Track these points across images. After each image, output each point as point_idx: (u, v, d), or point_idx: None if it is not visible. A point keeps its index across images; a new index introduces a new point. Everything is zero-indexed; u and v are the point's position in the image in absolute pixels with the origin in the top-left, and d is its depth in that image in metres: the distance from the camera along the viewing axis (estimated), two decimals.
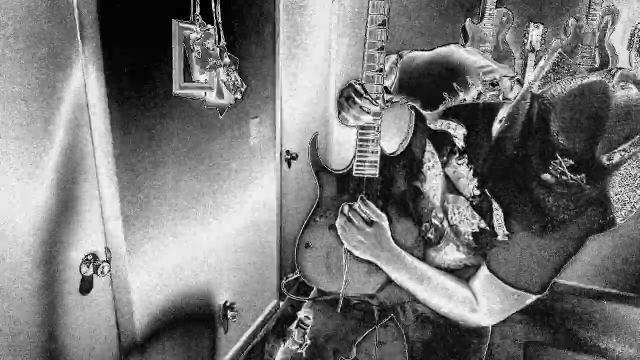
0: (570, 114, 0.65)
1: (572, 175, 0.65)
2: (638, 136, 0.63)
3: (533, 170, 0.69)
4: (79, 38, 1.04)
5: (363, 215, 0.92)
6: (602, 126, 0.63)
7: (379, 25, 0.86)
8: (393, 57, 1.05)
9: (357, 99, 0.88)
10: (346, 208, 0.94)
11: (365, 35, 0.87)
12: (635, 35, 2.18)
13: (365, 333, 1.04)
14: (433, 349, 1.01)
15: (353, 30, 2.64)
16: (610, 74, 0.65)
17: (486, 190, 0.84)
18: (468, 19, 2.33)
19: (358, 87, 0.89)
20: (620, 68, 0.66)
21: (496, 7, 2.27)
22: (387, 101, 0.95)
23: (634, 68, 2.20)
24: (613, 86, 0.64)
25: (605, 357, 2.15)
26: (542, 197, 0.70)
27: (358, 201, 0.94)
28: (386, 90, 0.93)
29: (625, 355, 2.18)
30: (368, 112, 0.88)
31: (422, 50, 1.03)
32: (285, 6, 2.01)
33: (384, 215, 0.93)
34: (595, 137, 0.63)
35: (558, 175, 0.66)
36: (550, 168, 0.67)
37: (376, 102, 0.88)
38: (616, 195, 0.71)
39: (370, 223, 0.92)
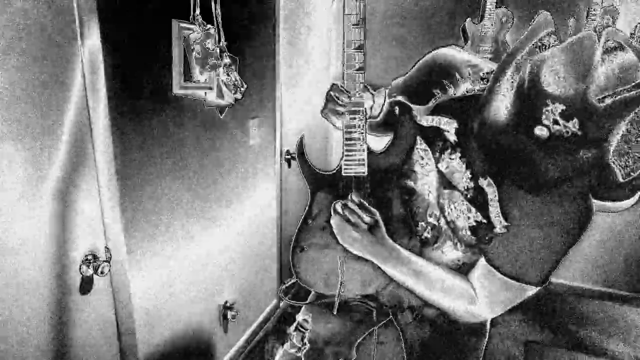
0: (561, 65, 0.66)
1: (564, 123, 0.65)
2: (633, 84, 0.63)
3: (527, 127, 0.68)
4: (79, 38, 1.04)
5: (357, 212, 0.92)
6: (593, 72, 0.63)
7: (355, 24, 0.87)
8: (383, 90, 1.06)
9: (333, 94, 0.90)
10: (339, 206, 0.93)
11: (343, 35, 0.87)
12: (636, 35, 2.18)
13: (364, 334, 1.04)
14: (431, 349, 1.01)
15: None
16: (598, 32, 0.66)
17: (480, 175, 0.84)
18: (468, 19, 2.33)
19: (337, 83, 0.91)
20: (608, 26, 0.67)
21: (496, 7, 2.27)
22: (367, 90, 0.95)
23: None
24: (602, 45, 0.65)
25: (606, 357, 2.15)
26: (539, 158, 0.70)
27: (350, 198, 0.93)
28: (371, 88, 0.94)
29: (625, 355, 2.18)
30: (342, 106, 0.90)
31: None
32: (285, 6, 2.01)
33: (376, 211, 0.93)
34: (586, 82, 0.64)
35: (551, 125, 0.66)
36: (543, 117, 0.66)
37: (357, 97, 0.89)
38: (616, 157, 0.70)
39: (365, 220, 0.91)
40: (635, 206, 0.89)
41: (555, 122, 0.66)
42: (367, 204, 0.93)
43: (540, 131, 0.67)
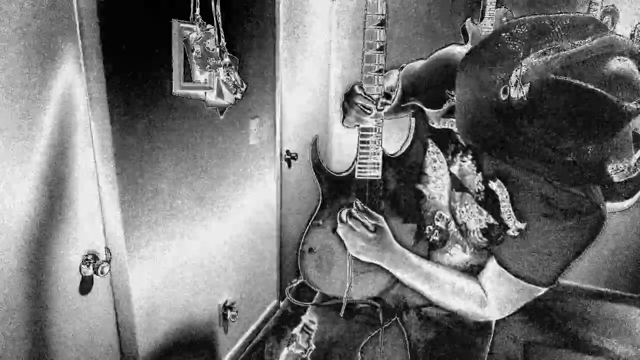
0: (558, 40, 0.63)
1: (520, 86, 0.61)
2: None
3: (497, 85, 0.65)
4: (79, 38, 1.04)
5: (362, 220, 0.91)
6: (566, 53, 0.61)
7: (377, 25, 0.85)
8: (395, 72, 1.04)
9: (357, 100, 0.88)
10: (344, 215, 0.92)
11: (364, 35, 0.85)
12: (636, 35, 2.18)
13: (370, 336, 1.04)
14: (436, 350, 1.01)
15: (353, 30, 2.64)
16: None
17: (490, 178, 0.84)
18: (468, 19, 2.33)
19: (358, 88, 0.89)
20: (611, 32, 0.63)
21: (496, 7, 2.27)
22: (385, 104, 0.94)
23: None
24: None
25: (605, 357, 2.15)
26: (502, 126, 0.66)
27: (354, 206, 0.93)
28: (386, 96, 0.93)
29: (625, 355, 2.18)
30: (368, 113, 0.88)
31: (421, 59, 1.03)
32: (285, 6, 2.01)
33: (381, 217, 0.93)
34: (554, 54, 0.61)
35: (512, 87, 0.63)
36: (510, 77, 0.63)
37: (376, 102, 0.88)
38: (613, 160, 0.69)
39: (370, 227, 0.91)
40: (635, 206, 0.89)
41: (515, 84, 0.63)
42: (371, 211, 0.92)
43: (503, 93, 0.64)
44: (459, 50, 0.95)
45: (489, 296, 0.88)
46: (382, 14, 0.84)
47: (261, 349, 2.10)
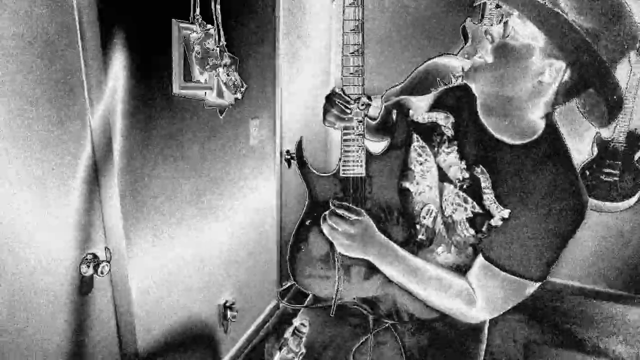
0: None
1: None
2: None
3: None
4: (79, 38, 1.04)
5: (343, 218, 0.91)
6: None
7: (352, 30, 0.88)
8: (378, 96, 1.07)
9: (337, 100, 0.91)
10: (327, 215, 0.92)
11: (342, 39, 0.89)
12: None
13: (361, 341, 1.03)
14: (430, 356, 1.01)
15: None
16: None
17: (474, 164, 0.87)
18: (468, 18, 2.33)
19: (337, 90, 0.92)
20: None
21: (496, 7, 2.27)
22: (366, 104, 0.96)
23: (634, 67, 2.20)
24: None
25: (605, 357, 2.15)
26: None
27: (331, 205, 0.92)
28: (367, 97, 0.95)
29: (625, 355, 2.18)
30: (348, 112, 0.91)
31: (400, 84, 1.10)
32: (285, 6, 2.01)
33: (362, 210, 0.92)
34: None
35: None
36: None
37: (354, 102, 0.91)
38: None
39: (352, 223, 0.90)
40: (635, 206, 0.90)
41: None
42: (350, 206, 0.93)
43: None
44: (440, 59, 0.99)
45: (477, 294, 0.87)
46: (357, 19, 0.87)
47: (261, 349, 2.10)
